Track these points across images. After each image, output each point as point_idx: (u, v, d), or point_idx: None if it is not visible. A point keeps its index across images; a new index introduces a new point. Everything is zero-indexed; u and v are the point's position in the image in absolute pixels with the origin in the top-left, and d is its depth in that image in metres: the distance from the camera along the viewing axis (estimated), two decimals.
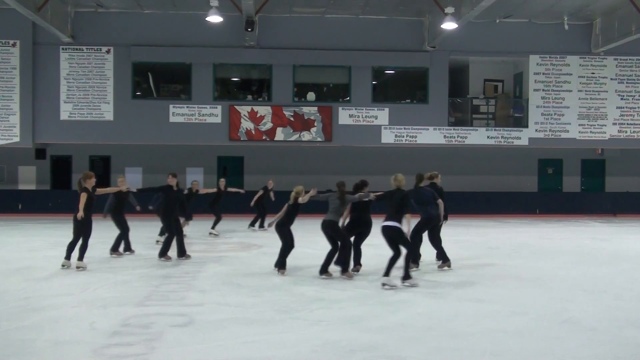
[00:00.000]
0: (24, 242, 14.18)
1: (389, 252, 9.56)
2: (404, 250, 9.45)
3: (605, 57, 23.19)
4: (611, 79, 23.33)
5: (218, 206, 16.51)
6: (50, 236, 14.52)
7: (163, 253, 11.72)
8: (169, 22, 22.05)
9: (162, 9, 21.79)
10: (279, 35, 22.24)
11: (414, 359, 5.96)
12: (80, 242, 10.61)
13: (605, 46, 22.28)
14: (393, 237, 9.51)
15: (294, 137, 22.31)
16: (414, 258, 10.59)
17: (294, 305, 8.11)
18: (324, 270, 10.23)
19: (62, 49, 21.80)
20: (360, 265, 10.67)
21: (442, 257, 11.10)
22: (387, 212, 9.70)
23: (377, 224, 9.95)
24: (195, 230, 17.16)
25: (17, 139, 21.72)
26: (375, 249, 14.00)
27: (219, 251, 13.31)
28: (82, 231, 10.55)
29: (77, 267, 10.52)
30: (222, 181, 17.03)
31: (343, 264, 10.24)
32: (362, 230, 10.48)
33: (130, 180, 23.62)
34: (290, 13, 22.11)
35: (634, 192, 24.78)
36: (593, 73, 23.27)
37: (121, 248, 12.36)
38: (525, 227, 19.21)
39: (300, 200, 10.40)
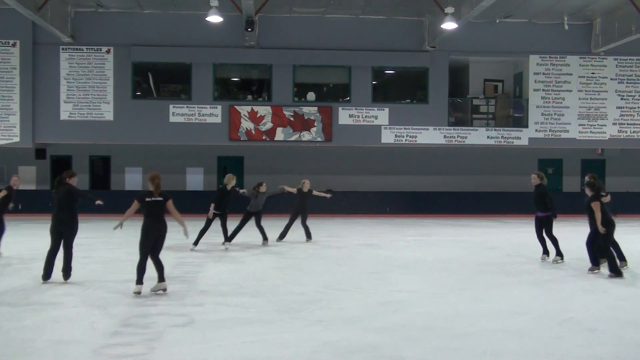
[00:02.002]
0: (24, 242, 14.19)
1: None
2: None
3: (605, 57, 23.18)
4: (611, 79, 23.32)
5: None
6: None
7: None
8: (169, 22, 22.05)
9: (162, 9, 21.78)
10: (279, 35, 22.24)
11: (414, 359, 5.96)
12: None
13: (605, 46, 22.27)
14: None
15: (294, 137, 22.31)
16: (618, 257, 11.04)
17: (294, 305, 8.11)
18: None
19: (62, 49, 21.79)
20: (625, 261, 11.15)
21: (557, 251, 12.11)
22: None
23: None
24: (194, 230, 17.14)
25: (17, 139, 21.71)
26: (375, 249, 14.02)
27: (219, 251, 13.32)
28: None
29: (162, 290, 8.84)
30: (16, 179, 12.46)
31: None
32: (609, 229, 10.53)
33: (131, 180, 23.71)
34: (290, 13, 22.10)
35: (634, 192, 24.76)
36: (593, 73, 23.26)
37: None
38: (525, 227, 19.18)
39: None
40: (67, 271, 9.59)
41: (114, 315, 7.45)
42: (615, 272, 10.31)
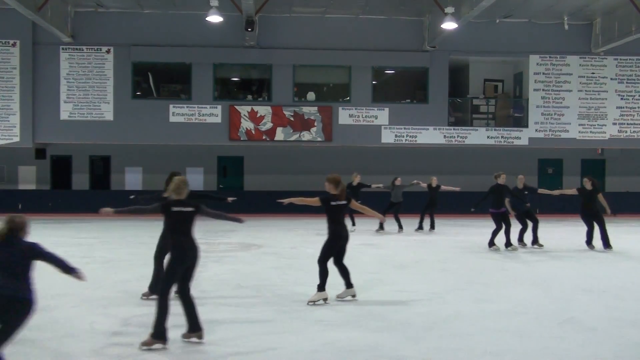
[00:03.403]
0: None
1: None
2: None
3: (605, 57, 23.17)
4: (611, 79, 23.31)
5: None
6: (50, 236, 14.49)
7: None
8: (169, 22, 22.04)
9: (162, 9, 21.78)
10: (279, 35, 22.24)
11: (414, 359, 5.96)
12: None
13: (605, 46, 22.26)
14: None
15: (294, 137, 22.31)
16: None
17: (294, 305, 8.11)
18: None
19: (62, 49, 21.79)
20: None
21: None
22: None
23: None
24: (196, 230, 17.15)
25: (17, 139, 21.71)
26: (375, 249, 14.02)
27: (219, 251, 13.31)
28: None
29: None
30: None
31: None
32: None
33: (131, 180, 23.71)
34: (290, 13, 22.10)
35: (634, 192, 24.76)
36: (593, 73, 23.26)
37: None
38: None
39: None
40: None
41: (114, 315, 7.46)
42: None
